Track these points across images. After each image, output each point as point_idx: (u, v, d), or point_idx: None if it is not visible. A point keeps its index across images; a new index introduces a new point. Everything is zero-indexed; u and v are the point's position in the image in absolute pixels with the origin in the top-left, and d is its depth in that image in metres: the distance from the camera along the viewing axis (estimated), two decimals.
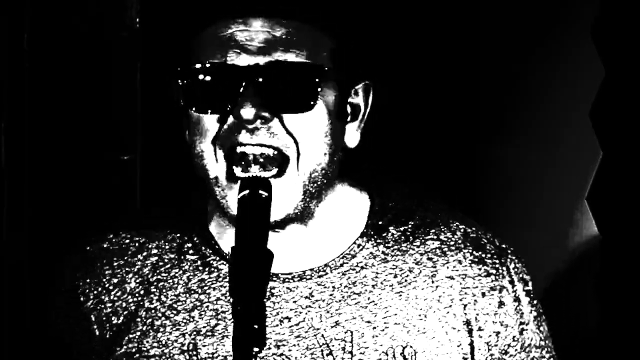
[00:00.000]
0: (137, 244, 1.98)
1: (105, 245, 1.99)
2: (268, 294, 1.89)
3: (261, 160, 1.82)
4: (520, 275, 1.95)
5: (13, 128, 2.78)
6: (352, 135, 1.93)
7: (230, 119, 1.81)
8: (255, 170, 1.81)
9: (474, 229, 1.97)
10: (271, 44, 1.81)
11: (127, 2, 2.77)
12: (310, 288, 1.90)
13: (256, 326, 1.57)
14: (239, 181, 1.79)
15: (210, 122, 1.83)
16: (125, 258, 1.97)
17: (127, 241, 1.99)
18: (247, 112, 1.78)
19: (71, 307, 1.98)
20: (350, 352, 1.87)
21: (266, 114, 1.80)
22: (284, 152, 1.82)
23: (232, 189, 1.82)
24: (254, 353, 1.58)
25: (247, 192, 1.74)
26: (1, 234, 2.77)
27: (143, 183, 2.83)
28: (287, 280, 1.90)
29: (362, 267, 1.91)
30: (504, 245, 1.96)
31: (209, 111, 1.83)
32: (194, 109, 1.84)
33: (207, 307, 1.91)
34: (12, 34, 2.76)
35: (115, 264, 1.97)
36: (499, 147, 2.81)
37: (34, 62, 2.78)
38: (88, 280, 1.97)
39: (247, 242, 1.66)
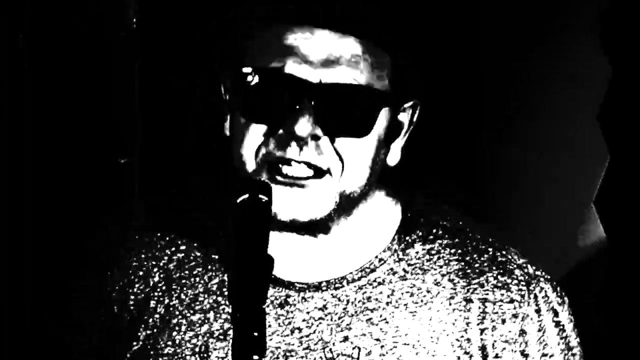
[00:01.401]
0: (166, 238, 1.95)
1: (136, 237, 1.97)
2: (282, 302, 1.87)
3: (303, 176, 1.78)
4: (551, 305, 1.88)
5: (13, 128, 2.77)
6: (395, 154, 1.89)
7: (280, 132, 1.76)
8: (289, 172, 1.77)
9: (504, 252, 1.90)
10: (335, 59, 1.75)
11: (126, 1, 2.76)
12: (324, 300, 1.87)
13: (256, 333, 1.54)
14: (239, 184, 1.76)
15: (258, 130, 1.78)
16: (153, 251, 1.94)
17: (158, 234, 1.95)
18: (302, 128, 1.73)
19: (97, 295, 1.96)
20: None
21: (319, 133, 1.75)
22: (326, 173, 1.78)
23: None
24: None
25: (246, 196, 1.70)
26: (1, 234, 2.76)
27: (142, 185, 2.82)
28: (302, 290, 1.87)
29: (379, 283, 1.87)
30: (538, 273, 1.90)
31: (259, 120, 1.78)
32: (243, 114, 1.79)
33: (223, 309, 1.88)
34: (12, 34, 2.75)
35: (142, 256, 1.95)
36: (504, 151, 2.79)
37: (34, 62, 2.77)
38: (116, 270, 1.95)
39: (247, 248, 1.62)
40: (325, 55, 1.75)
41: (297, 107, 1.74)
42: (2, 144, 2.76)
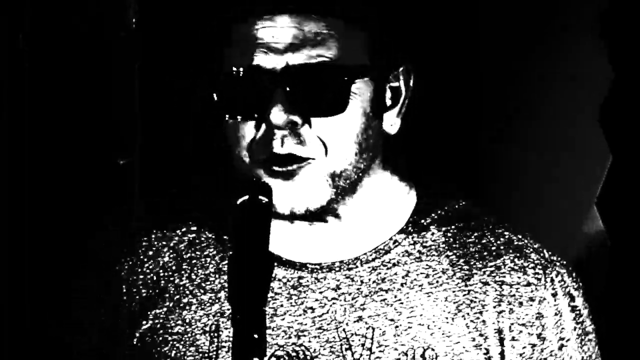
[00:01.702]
0: (177, 221, 1.95)
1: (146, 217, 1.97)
2: (295, 283, 1.86)
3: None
4: (567, 290, 1.89)
5: (13, 128, 2.77)
6: (392, 122, 1.87)
7: (264, 126, 1.77)
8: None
9: (520, 237, 1.92)
10: (299, 42, 1.75)
11: (126, 1, 2.76)
12: (338, 280, 1.87)
13: (256, 335, 1.53)
14: (238, 185, 1.76)
15: (244, 129, 1.79)
16: (164, 231, 1.95)
17: (169, 214, 1.96)
18: (277, 117, 1.74)
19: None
20: (370, 349, 1.84)
21: (296, 118, 1.76)
22: (312, 158, 1.78)
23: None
24: None
25: (246, 197, 1.70)
26: (1, 234, 2.76)
27: (142, 185, 2.82)
28: (315, 270, 1.88)
29: (394, 264, 1.87)
30: (554, 258, 1.91)
31: (241, 118, 1.79)
32: (228, 115, 1.80)
33: None
34: (12, 34, 2.75)
35: (153, 236, 1.95)
36: (504, 151, 2.78)
37: (34, 62, 2.77)
38: (125, 250, 1.96)
39: (247, 249, 1.62)
40: (290, 39, 1.75)
41: (270, 97, 1.74)
42: (2, 143, 2.76)
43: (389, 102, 1.87)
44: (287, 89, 1.74)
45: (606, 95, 2.55)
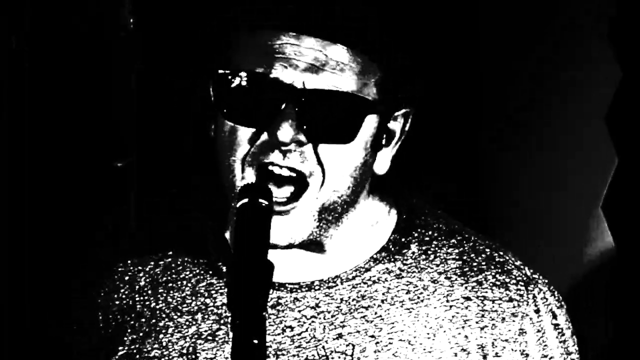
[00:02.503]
0: (153, 247, 1.94)
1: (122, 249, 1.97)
2: (274, 302, 1.87)
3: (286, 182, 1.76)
4: (549, 307, 1.86)
5: (13, 128, 2.77)
6: (383, 163, 1.86)
7: (265, 136, 1.75)
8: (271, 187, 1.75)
9: (501, 253, 1.89)
10: (321, 65, 1.73)
11: (122, 1, 2.76)
12: (317, 299, 1.85)
13: (256, 341, 1.51)
14: (239, 189, 1.75)
15: (242, 136, 1.76)
16: (141, 258, 1.94)
17: (145, 244, 1.95)
18: (285, 134, 1.71)
19: (84, 303, 1.96)
20: None
21: (302, 139, 1.74)
22: (307, 179, 1.76)
23: None
24: None
25: (246, 200, 1.67)
26: (1, 234, 2.76)
27: (142, 185, 2.82)
28: (294, 290, 1.85)
29: (374, 282, 1.85)
30: (535, 275, 1.88)
31: (244, 123, 1.76)
32: (227, 117, 1.77)
33: (212, 311, 1.87)
34: (12, 34, 2.75)
35: (129, 261, 1.94)
36: (510, 154, 2.78)
37: (34, 62, 2.77)
38: (101, 278, 1.95)
39: (247, 253, 1.59)
40: (311, 60, 1.73)
41: (281, 112, 1.74)
42: (2, 143, 2.76)
43: (383, 142, 1.86)
44: (300, 108, 1.73)
45: (612, 97, 2.54)
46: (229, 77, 1.76)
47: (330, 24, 1.74)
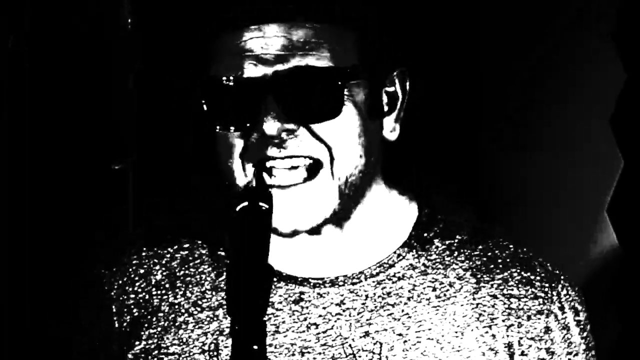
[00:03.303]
0: (169, 236, 1.93)
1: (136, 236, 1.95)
2: (297, 298, 1.85)
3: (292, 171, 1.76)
4: (572, 304, 1.87)
5: (13, 128, 2.77)
6: (391, 128, 1.85)
7: (255, 135, 1.75)
8: (281, 178, 1.74)
9: (524, 249, 1.89)
10: (289, 50, 1.72)
11: (123, 1, 2.76)
12: (342, 295, 1.83)
13: (256, 347, 1.50)
14: (238, 191, 1.74)
15: (235, 138, 1.76)
16: (155, 249, 1.92)
17: (161, 232, 1.94)
18: (270, 127, 1.71)
19: (94, 297, 1.94)
20: None
21: (291, 126, 1.74)
22: (316, 158, 1.75)
23: None
24: None
25: (246, 203, 1.66)
26: (1, 234, 2.76)
27: (142, 185, 2.81)
28: (318, 285, 1.84)
29: (399, 278, 1.84)
30: (557, 271, 1.88)
31: (232, 128, 1.76)
32: (217, 124, 1.78)
33: None
34: (11, 34, 2.75)
35: (143, 254, 1.93)
36: (510, 154, 2.77)
37: (34, 62, 2.77)
38: (115, 269, 1.93)
39: (246, 257, 1.58)
40: (278, 49, 1.72)
41: (262, 107, 1.72)
42: (2, 143, 2.76)
43: (386, 108, 1.84)
44: (278, 97, 1.72)
45: (616, 98, 2.52)
46: (209, 86, 1.76)
47: (291, 7, 1.73)
